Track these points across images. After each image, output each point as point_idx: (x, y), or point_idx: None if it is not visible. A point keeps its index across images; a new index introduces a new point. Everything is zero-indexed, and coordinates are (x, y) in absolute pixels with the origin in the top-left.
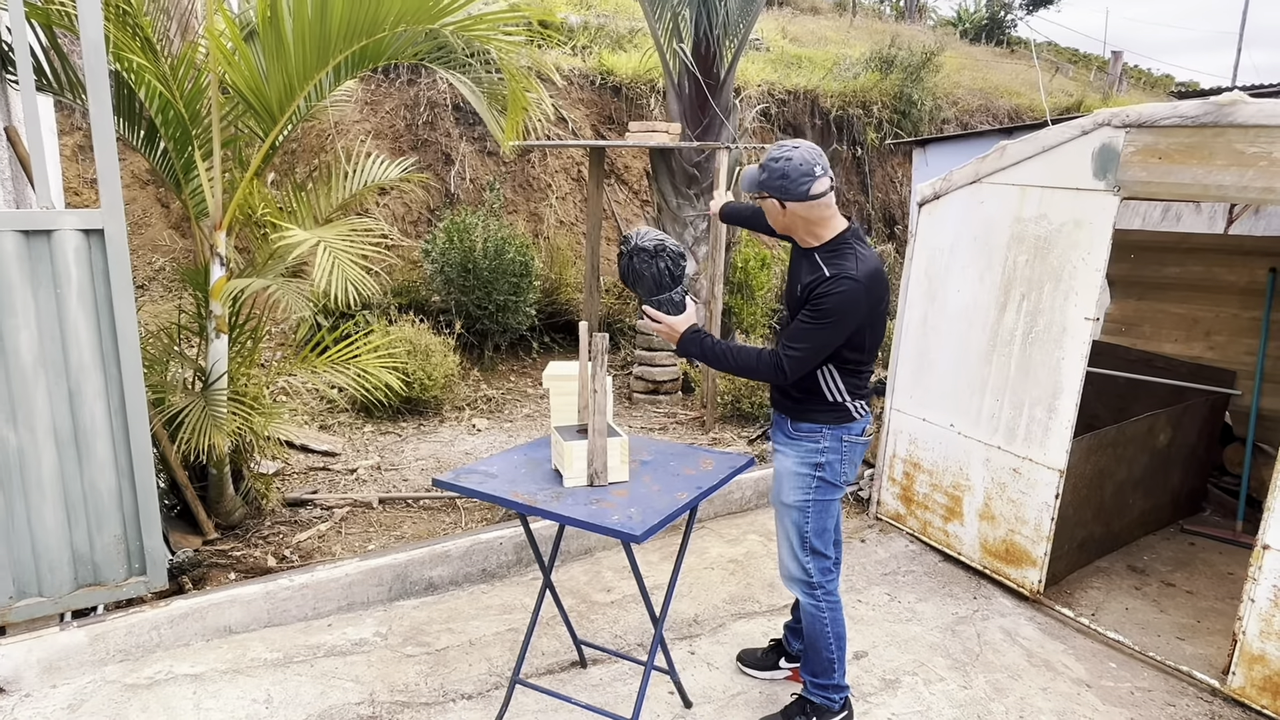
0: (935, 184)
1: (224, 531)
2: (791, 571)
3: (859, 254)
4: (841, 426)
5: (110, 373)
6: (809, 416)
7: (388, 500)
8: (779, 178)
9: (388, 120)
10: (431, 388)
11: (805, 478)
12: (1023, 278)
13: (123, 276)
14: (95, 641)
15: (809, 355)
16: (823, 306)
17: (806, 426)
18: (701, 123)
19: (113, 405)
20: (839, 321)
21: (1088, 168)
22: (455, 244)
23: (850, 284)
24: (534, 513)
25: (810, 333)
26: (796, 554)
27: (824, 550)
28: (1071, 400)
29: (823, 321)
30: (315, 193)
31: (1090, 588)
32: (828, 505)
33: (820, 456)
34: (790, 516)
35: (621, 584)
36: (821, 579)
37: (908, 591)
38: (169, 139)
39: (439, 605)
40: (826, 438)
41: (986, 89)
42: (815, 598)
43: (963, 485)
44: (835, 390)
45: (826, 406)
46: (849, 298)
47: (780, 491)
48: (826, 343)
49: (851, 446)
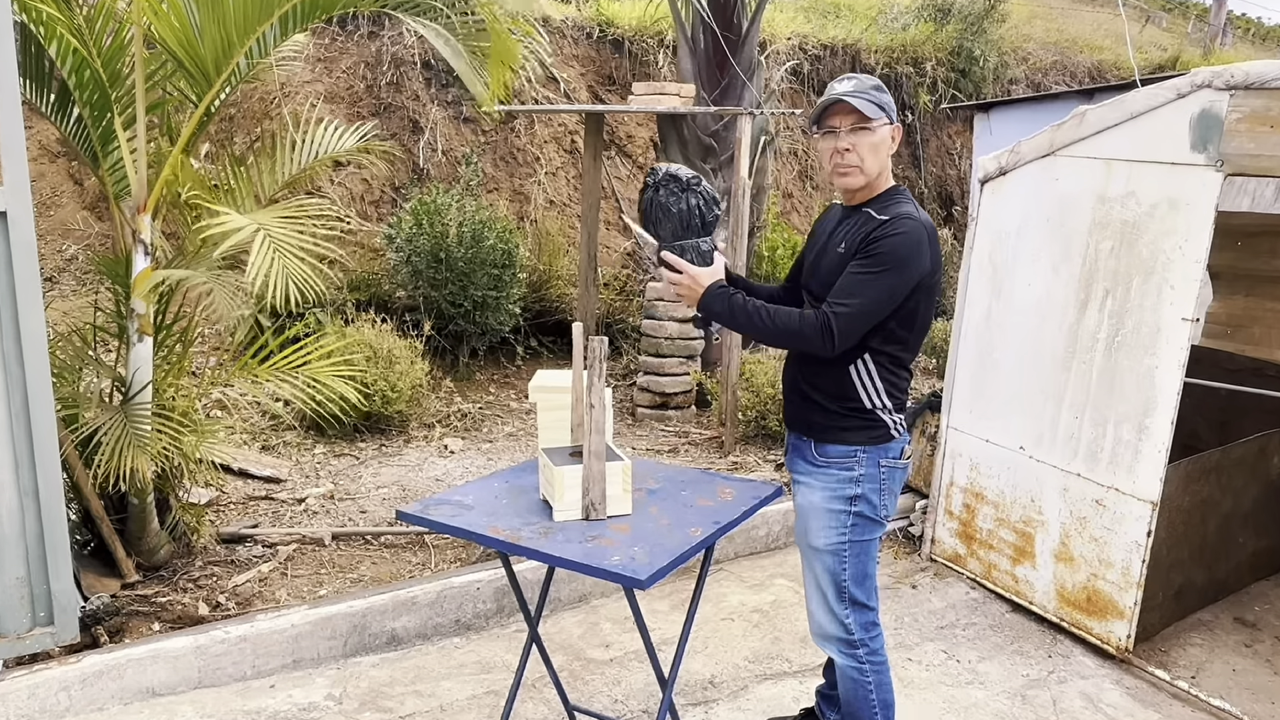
0: (1001, 157)
1: (147, 573)
2: (826, 628)
3: (914, 203)
4: (879, 448)
5: (12, 381)
6: (839, 436)
7: (342, 536)
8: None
9: (344, 81)
10: (395, 401)
11: (838, 515)
12: (1106, 270)
13: (28, 266)
14: None
15: (861, 315)
16: (879, 251)
17: (836, 450)
18: (720, 84)
19: (15, 420)
20: (898, 270)
21: (1185, 138)
22: (424, 229)
23: (911, 224)
24: (518, 552)
25: (864, 283)
26: (832, 607)
27: (866, 600)
28: (1166, 417)
29: (880, 269)
30: (258, 167)
31: (1190, 644)
32: (867, 546)
33: (855, 487)
34: (822, 563)
35: (623, 638)
36: (864, 635)
37: (968, 648)
38: (84, 103)
39: (403, 662)
40: (862, 463)
41: (1062, 43)
42: (857, 658)
43: (1035, 520)
44: (872, 393)
45: (861, 420)
46: (911, 240)
47: (807, 532)
48: (883, 298)
49: (891, 472)
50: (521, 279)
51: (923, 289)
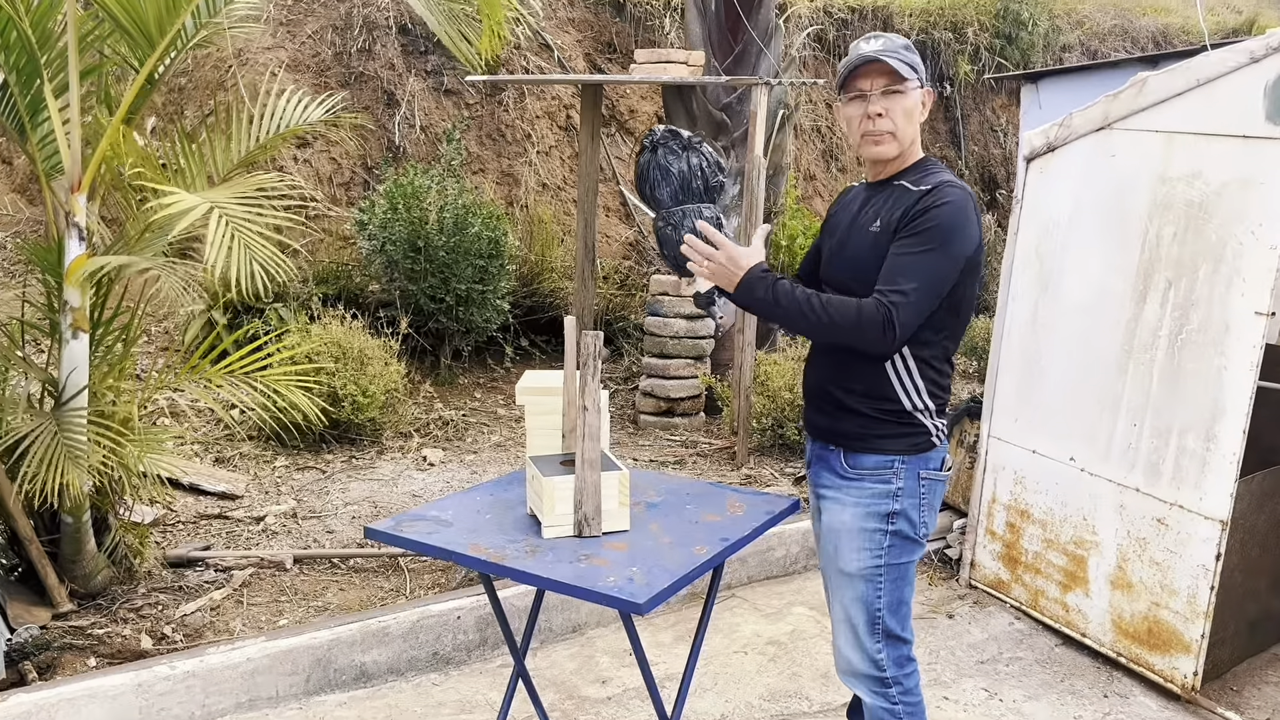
0: (1049, 131)
1: (82, 601)
2: (855, 664)
3: (949, 174)
4: (919, 457)
5: None
6: (874, 445)
7: (306, 559)
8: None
9: (309, 47)
10: (367, 407)
11: (873, 535)
12: (1169, 258)
13: None
14: None
15: (920, 301)
16: (928, 225)
17: (871, 461)
18: (733, 51)
19: None
20: (949, 245)
21: (1259, 107)
22: (401, 214)
23: (957, 193)
24: (501, 573)
25: (918, 264)
26: (862, 641)
27: (901, 632)
28: (1237, 425)
29: (930, 246)
30: (211, 144)
31: (1266, 683)
32: (905, 570)
33: (893, 503)
34: (854, 590)
35: (622, 673)
36: (897, 672)
37: (1012, 686)
38: (10, 68)
39: (374, 701)
40: (900, 475)
41: (1123, 4)
42: (889, 698)
43: (1087, 541)
44: (912, 392)
45: (899, 425)
46: (959, 210)
47: (838, 556)
48: (938, 279)
49: (932, 486)
50: (510, 271)
51: (969, 267)
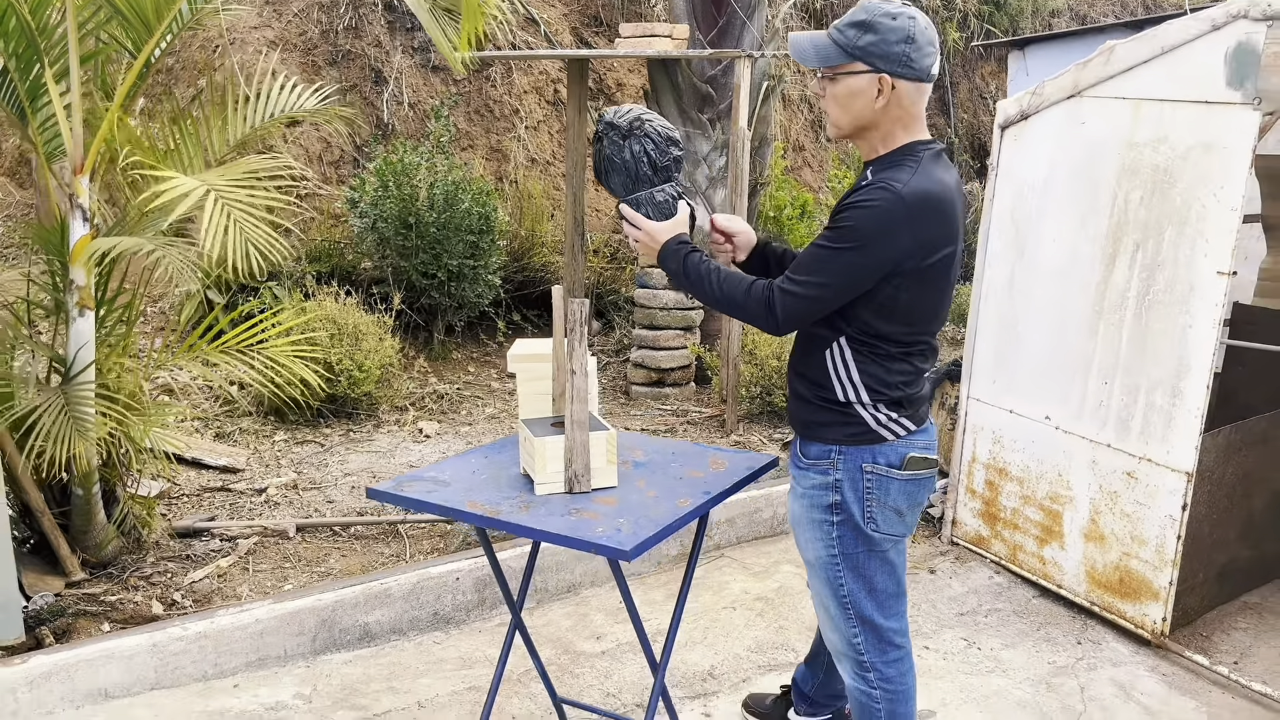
0: (1022, 99)
1: (94, 570)
2: (836, 645)
3: (922, 167)
4: (860, 449)
5: None
6: (817, 433)
7: (308, 528)
8: (902, 41)
9: (296, 26)
10: (363, 382)
11: (823, 525)
12: (1136, 221)
13: None
14: None
15: (814, 295)
16: (841, 224)
17: (815, 449)
18: (717, 23)
19: None
20: (864, 248)
21: (1220, 74)
22: (391, 191)
23: (887, 196)
24: (497, 526)
25: (820, 260)
26: (838, 625)
27: (877, 618)
28: (1202, 380)
29: (839, 245)
30: (206, 126)
31: (1234, 629)
32: (866, 559)
33: (834, 494)
34: (817, 577)
35: (615, 629)
36: (876, 659)
37: (990, 635)
38: (10, 54)
39: (378, 659)
40: (839, 466)
41: None
42: (868, 682)
43: (1062, 496)
44: (845, 381)
45: (835, 412)
46: (879, 215)
47: (799, 545)
48: (841, 283)
49: (881, 483)
50: (501, 246)
51: (905, 274)
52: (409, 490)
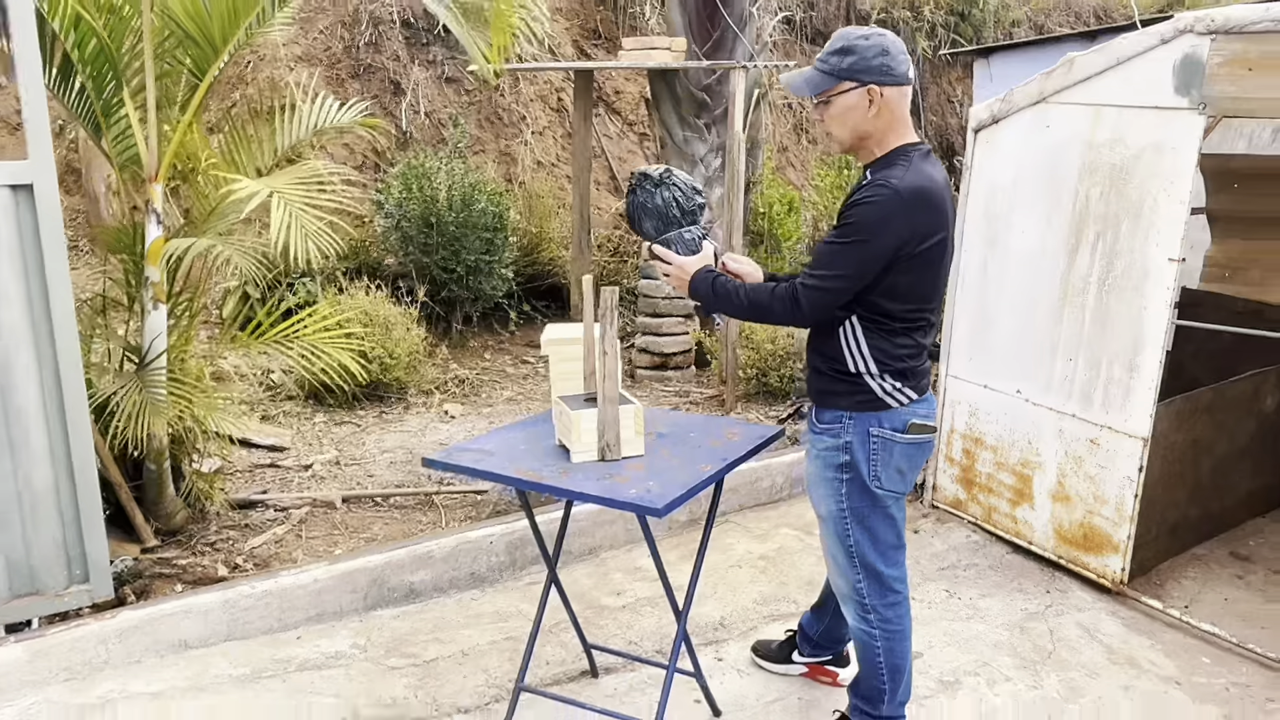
0: (993, 105)
1: (165, 538)
2: (842, 590)
3: (914, 165)
4: (866, 414)
5: (43, 350)
6: (830, 400)
7: (352, 499)
8: (880, 54)
9: (321, 42)
10: (393, 367)
11: (833, 482)
12: (1096, 215)
13: (55, 237)
14: (36, 659)
15: (833, 287)
16: (848, 221)
17: (829, 415)
18: (711, 36)
19: (46, 388)
20: (870, 241)
21: (1169, 82)
22: (414, 193)
23: (885, 193)
24: (541, 489)
25: (833, 255)
26: (844, 572)
27: (880, 565)
28: (1155, 356)
29: (848, 240)
30: (259, 138)
31: (1184, 578)
32: (871, 512)
33: (844, 454)
34: (828, 530)
35: (634, 586)
36: (877, 601)
37: (969, 587)
38: (88, 76)
39: (423, 614)
40: (849, 429)
41: None
42: (869, 623)
43: (1032, 462)
44: (856, 355)
45: (845, 383)
46: (880, 209)
47: (813, 502)
48: (855, 272)
49: (885, 445)
50: (513, 243)
51: (905, 259)
52: (460, 459)
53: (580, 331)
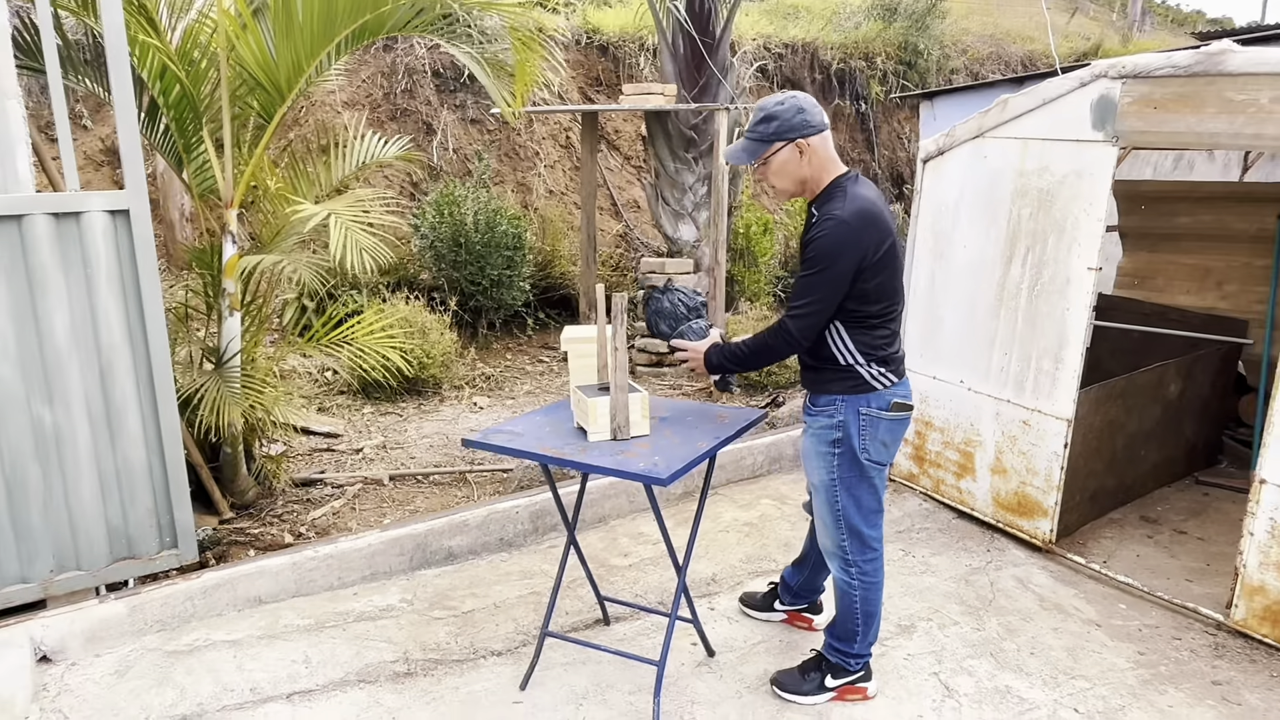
0: (939, 140)
1: (238, 511)
2: (828, 547)
3: (849, 193)
4: (857, 397)
5: (138, 351)
6: (825, 388)
7: (398, 477)
8: (797, 113)
9: (364, 89)
10: (430, 366)
11: (826, 456)
12: (1027, 231)
13: (148, 257)
14: (134, 612)
15: (814, 311)
16: (811, 254)
17: (823, 400)
18: (698, 82)
19: (141, 383)
20: (832, 267)
21: (1087, 119)
22: (445, 218)
23: (834, 223)
24: (565, 464)
25: (808, 284)
26: (830, 531)
27: (862, 528)
28: (1077, 350)
29: (814, 270)
30: (317, 169)
31: (1103, 538)
32: (857, 481)
33: (837, 432)
34: (820, 497)
35: (638, 549)
36: (858, 557)
37: (922, 547)
38: (172, 118)
39: (460, 573)
40: (841, 410)
41: (998, 35)
42: (849, 574)
43: (974, 441)
44: (845, 351)
45: (839, 373)
46: (835, 238)
47: (808, 472)
48: (828, 294)
49: (873, 422)
50: (530, 260)
51: (868, 269)
52: (494, 439)
53: (594, 332)
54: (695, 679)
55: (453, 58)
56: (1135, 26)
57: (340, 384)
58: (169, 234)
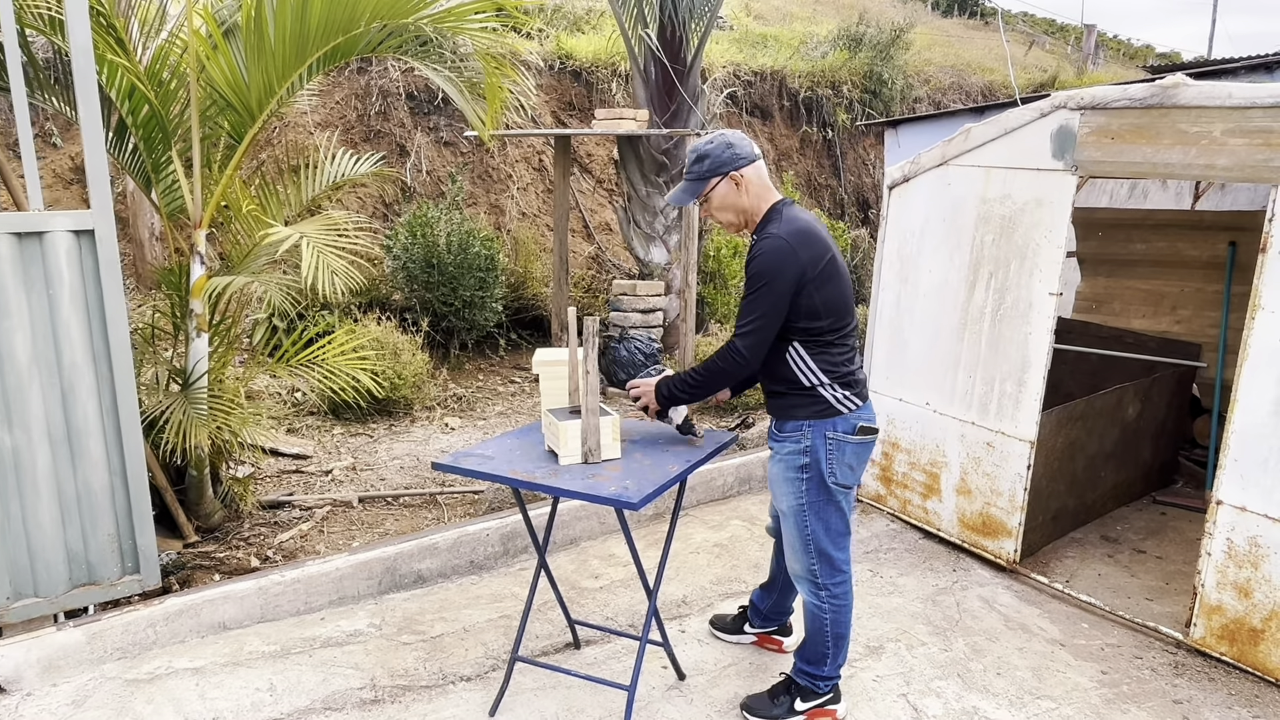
0: (904, 167)
1: (204, 534)
2: (797, 571)
3: (784, 216)
4: (823, 421)
5: (101, 372)
6: (790, 413)
7: (368, 499)
8: (726, 148)
9: (338, 111)
10: (401, 387)
11: (795, 481)
12: (990, 256)
13: (113, 277)
14: (93, 640)
15: (759, 327)
16: (751, 274)
17: (790, 425)
18: (669, 108)
19: (104, 404)
20: (772, 283)
21: (1047, 148)
22: (418, 239)
23: (772, 240)
24: (535, 488)
25: (750, 304)
26: (800, 556)
27: (831, 551)
28: (1039, 373)
29: (756, 288)
30: (286, 190)
31: (1065, 557)
32: (825, 506)
33: (805, 457)
34: (788, 522)
35: (609, 571)
36: (827, 580)
37: (889, 567)
38: (140, 137)
39: (429, 597)
40: (809, 435)
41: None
42: (819, 598)
43: (940, 462)
44: (806, 371)
45: (804, 397)
46: (773, 255)
47: (775, 498)
48: (770, 310)
49: (839, 445)
50: (502, 281)
51: (810, 283)
52: (465, 463)
53: (565, 355)
54: (666, 703)
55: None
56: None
57: (310, 405)
58: (138, 253)
